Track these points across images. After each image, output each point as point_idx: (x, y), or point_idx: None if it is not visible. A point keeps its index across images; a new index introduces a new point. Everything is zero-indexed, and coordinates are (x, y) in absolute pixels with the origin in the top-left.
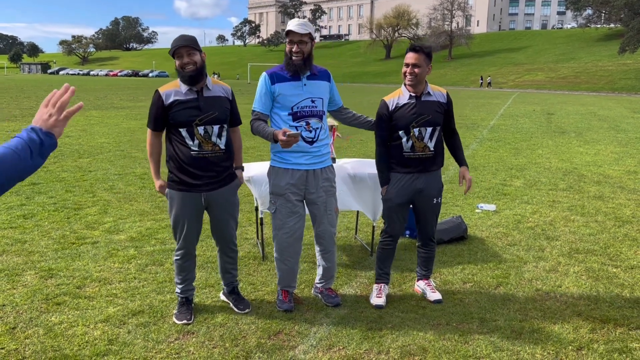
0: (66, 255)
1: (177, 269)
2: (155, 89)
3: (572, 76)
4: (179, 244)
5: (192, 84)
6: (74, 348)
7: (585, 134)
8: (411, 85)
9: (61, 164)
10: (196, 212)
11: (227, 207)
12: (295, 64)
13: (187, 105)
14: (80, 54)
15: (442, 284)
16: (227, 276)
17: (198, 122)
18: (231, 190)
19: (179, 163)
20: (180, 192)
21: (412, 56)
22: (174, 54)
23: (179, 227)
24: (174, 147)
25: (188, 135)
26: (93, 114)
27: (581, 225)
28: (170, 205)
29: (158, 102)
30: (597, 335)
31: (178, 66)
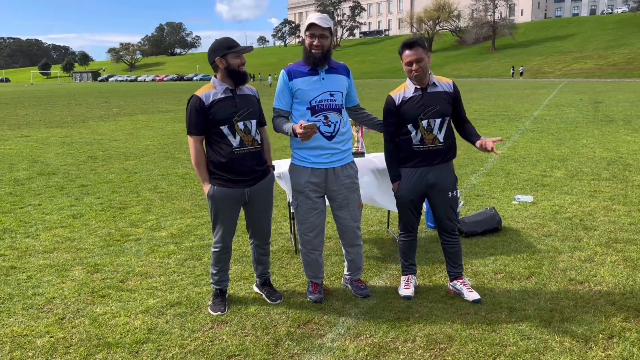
0: (111, 251)
1: (214, 260)
2: (192, 95)
3: (623, 62)
4: (217, 237)
5: (241, 83)
6: (116, 336)
7: (634, 122)
8: (418, 80)
9: (108, 167)
10: (238, 207)
11: (265, 201)
12: (315, 57)
13: (226, 103)
14: (127, 61)
15: (472, 274)
16: (260, 268)
17: (237, 117)
18: (269, 184)
19: (222, 164)
20: (226, 188)
21: (411, 53)
22: (229, 53)
23: (219, 222)
24: (215, 150)
25: (230, 131)
26: (139, 118)
27: (622, 215)
28: (213, 201)
29: (199, 104)
30: (630, 324)
31: (235, 65)
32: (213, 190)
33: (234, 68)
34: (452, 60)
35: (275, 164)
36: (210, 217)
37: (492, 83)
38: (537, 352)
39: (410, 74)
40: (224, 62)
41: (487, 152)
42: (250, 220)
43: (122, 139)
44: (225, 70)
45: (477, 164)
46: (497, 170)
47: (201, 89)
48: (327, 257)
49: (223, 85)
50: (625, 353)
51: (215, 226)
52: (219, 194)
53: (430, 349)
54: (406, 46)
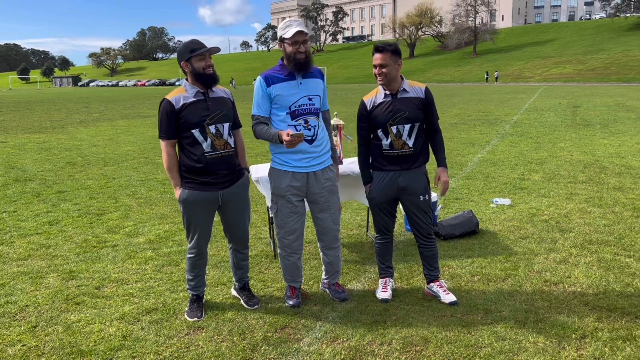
0: (87, 258)
1: (190, 266)
2: (163, 99)
3: (601, 67)
4: (192, 243)
5: (210, 86)
6: (90, 344)
7: (610, 126)
8: (383, 84)
9: (87, 172)
10: (211, 211)
11: (240, 204)
12: (301, 63)
13: (197, 106)
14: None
15: (450, 277)
16: (238, 272)
17: (209, 121)
18: (243, 187)
19: (194, 167)
20: (198, 191)
21: (378, 57)
22: (193, 56)
23: (192, 227)
24: (186, 154)
25: (201, 135)
26: (120, 123)
27: (597, 217)
28: (186, 206)
29: (170, 108)
30: (603, 324)
31: (199, 68)
32: (185, 194)
33: (199, 71)
34: (434, 65)
35: (254, 169)
36: (184, 223)
37: (473, 88)
38: (512, 352)
39: (376, 77)
40: (189, 66)
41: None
42: (227, 224)
43: (101, 144)
44: (192, 74)
45: (456, 167)
46: (476, 173)
47: (172, 93)
48: (306, 262)
49: (194, 89)
50: (597, 352)
51: (189, 231)
52: (191, 198)
53: (407, 352)
54: (376, 49)
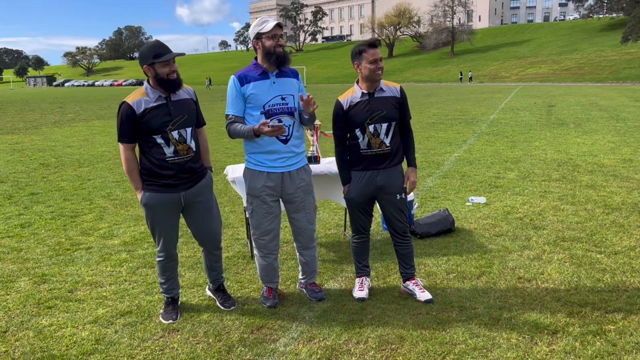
0: (60, 261)
1: (161, 270)
2: (122, 102)
3: (575, 67)
4: (160, 246)
5: (173, 92)
6: (62, 348)
7: (584, 125)
8: (379, 79)
9: (61, 174)
10: (175, 212)
11: (205, 204)
12: (280, 56)
13: (159, 112)
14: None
15: (425, 275)
16: (212, 274)
17: (171, 126)
18: (207, 187)
19: (155, 171)
20: (160, 194)
21: (376, 52)
22: (156, 62)
23: (157, 230)
24: (147, 158)
25: (163, 141)
26: (96, 124)
27: (570, 214)
28: (148, 209)
29: (129, 113)
30: (574, 319)
31: (163, 74)
32: (147, 197)
33: (163, 77)
34: (413, 65)
35: (230, 169)
36: (148, 226)
37: (450, 87)
38: (485, 349)
39: (375, 72)
40: (151, 71)
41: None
42: (193, 226)
43: (76, 145)
44: (155, 79)
45: (433, 166)
46: (452, 172)
47: (132, 95)
48: (283, 262)
49: (156, 93)
50: (568, 347)
51: (155, 235)
52: (153, 201)
53: (382, 350)
54: (372, 45)
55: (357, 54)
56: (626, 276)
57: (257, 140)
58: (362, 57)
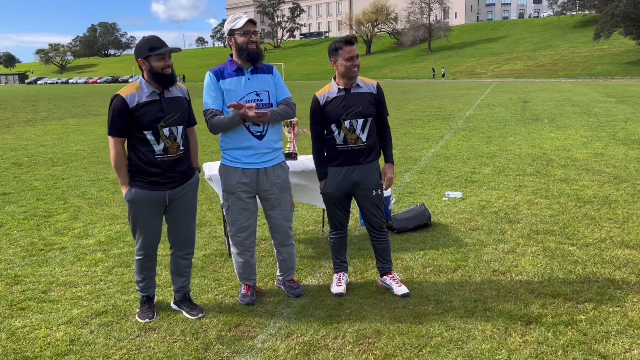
0: (33, 262)
1: (139, 268)
2: (114, 95)
3: (549, 64)
4: (139, 244)
5: (167, 87)
6: (36, 350)
7: (557, 120)
8: (355, 76)
9: (34, 173)
10: (159, 211)
11: (188, 205)
12: (252, 53)
13: (152, 107)
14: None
15: (402, 269)
16: (180, 280)
17: (163, 123)
18: (193, 187)
19: (143, 167)
20: (146, 191)
21: (353, 49)
22: (152, 55)
23: (139, 228)
24: (136, 154)
25: (154, 138)
26: (70, 122)
27: (543, 208)
28: (132, 205)
29: (122, 106)
30: (547, 310)
31: (158, 68)
32: (132, 193)
33: (158, 71)
34: (391, 61)
35: (207, 166)
36: (129, 223)
37: (428, 84)
38: (461, 341)
39: (351, 70)
40: (146, 65)
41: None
42: (172, 225)
43: (50, 144)
44: (149, 73)
45: (411, 162)
46: (429, 168)
47: (126, 89)
48: (261, 259)
49: (150, 88)
50: (541, 337)
51: (136, 232)
52: (139, 197)
53: (360, 344)
54: (348, 42)
55: (334, 50)
56: (597, 267)
57: (232, 136)
58: (338, 54)
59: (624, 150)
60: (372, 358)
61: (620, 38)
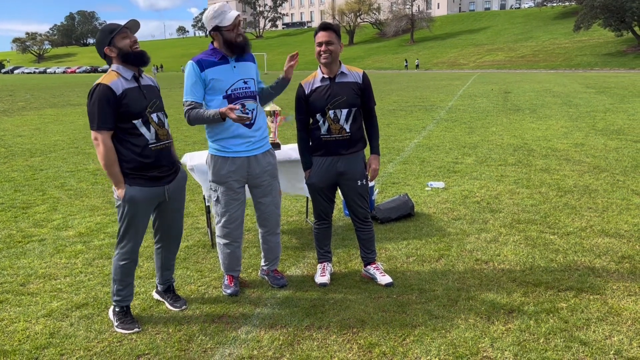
0: (11, 254)
1: (122, 274)
2: (96, 84)
3: (530, 55)
4: (128, 246)
5: (144, 64)
6: (14, 343)
7: (539, 111)
8: (326, 64)
9: (11, 164)
10: (153, 208)
11: (182, 199)
12: (242, 45)
13: (136, 93)
14: (35, 52)
15: (386, 259)
16: (166, 273)
17: (150, 109)
18: (184, 180)
19: (140, 162)
20: (147, 188)
21: (324, 34)
22: (115, 36)
23: (133, 229)
24: (127, 147)
25: (144, 125)
26: (48, 112)
27: (525, 197)
28: (132, 205)
29: (109, 95)
30: (529, 298)
31: (126, 47)
32: (133, 191)
33: (128, 50)
34: (374, 52)
35: (189, 157)
36: (122, 225)
37: (410, 75)
38: (444, 330)
39: (319, 55)
40: (114, 50)
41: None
42: (165, 221)
43: (27, 134)
44: (120, 57)
45: (394, 153)
46: (412, 158)
47: (106, 77)
48: (245, 249)
49: (129, 72)
50: (524, 325)
51: (127, 235)
52: (141, 195)
53: (344, 334)
54: (321, 28)
55: (313, 36)
56: (577, 256)
57: (220, 126)
58: (315, 39)
59: (604, 140)
60: (357, 347)
61: (599, 30)
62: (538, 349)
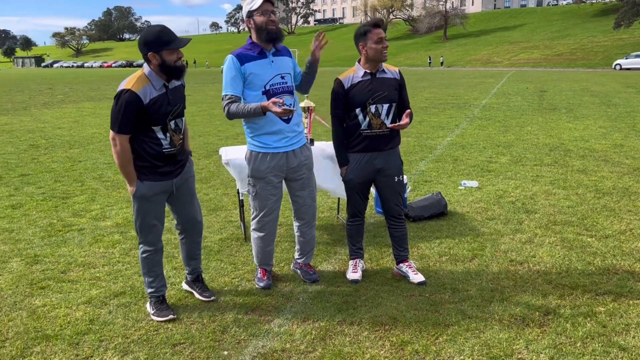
0: (52, 242)
1: (148, 265)
2: (124, 89)
3: (567, 53)
4: (148, 238)
5: (179, 78)
6: (56, 328)
7: (576, 110)
8: (384, 60)
9: (51, 155)
10: (165, 201)
11: (191, 188)
12: (272, 33)
13: (162, 101)
14: (73, 46)
15: (418, 257)
16: (192, 263)
17: (170, 117)
18: (191, 170)
19: (151, 162)
20: (157, 182)
21: (381, 31)
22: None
23: (150, 220)
24: (144, 148)
25: (161, 132)
26: (86, 105)
27: (561, 198)
28: (145, 199)
29: (135, 102)
30: (565, 301)
31: (171, 61)
32: (145, 186)
33: (170, 64)
34: (406, 49)
35: (224, 151)
36: (137, 220)
37: (442, 72)
38: (478, 330)
39: (382, 52)
40: (157, 58)
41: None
42: (180, 211)
43: (66, 126)
44: (159, 67)
45: (426, 150)
46: (445, 156)
47: (135, 82)
48: (277, 244)
49: (160, 81)
50: (560, 328)
51: (144, 227)
52: (152, 190)
53: (376, 331)
54: (376, 25)
55: (362, 34)
56: (616, 259)
57: (260, 122)
58: (367, 38)
59: None
60: (389, 345)
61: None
62: (575, 353)
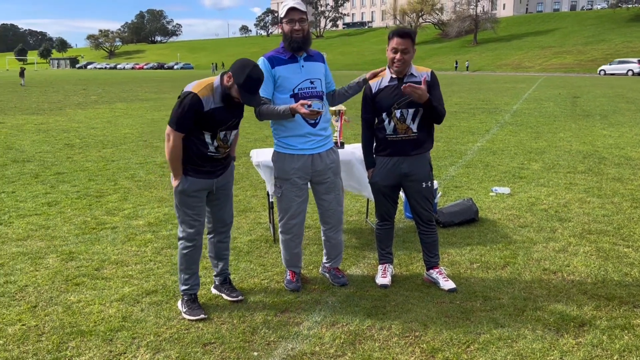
0: (86, 239)
1: (187, 262)
2: (190, 92)
3: (601, 58)
4: (188, 232)
5: (229, 109)
6: (90, 324)
7: (610, 117)
8: (398, 70)
9: (85, 155)
10: (205, 198)
11: (229, 190)
12: (297, 42)
13: (219, 113)
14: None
15: (449, 264)
16: (220, 264)
17: (222, 128)
18: (232, 172)
19: (196, 161)
20: (200, 179)
21: (400, 42)
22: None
23: (192, 216)
24: (191, 147)
25: (210, 138)
26: (118, 106)
27: (596, 207)
28: (187, 194)
29: (197, 107)
30: (601, 312)
31: (235, 96)
32: (189, 181)
33: (232, 96)
34: (435, 53)
35: (255, 153)
36: (180, 214)
37: (473, 77)
38: (510, 339)
39: (392, 62)
40: (229, 85)
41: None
42: (215, 211)
43: (100, 127)
44: (224, 94)
45: (456, 155)
46: (475, 162)
47: (202, 88)
48: (306, 247)
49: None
50: (595, 340)
51: (186, 222)
52: (195, 186)
53: (406, 337)
54: (398, 34)
55: (389, 37)
56: None
57: (287, 124)
58: (388, 43)
59: None
60: (419, 351)
61: None
62: None
